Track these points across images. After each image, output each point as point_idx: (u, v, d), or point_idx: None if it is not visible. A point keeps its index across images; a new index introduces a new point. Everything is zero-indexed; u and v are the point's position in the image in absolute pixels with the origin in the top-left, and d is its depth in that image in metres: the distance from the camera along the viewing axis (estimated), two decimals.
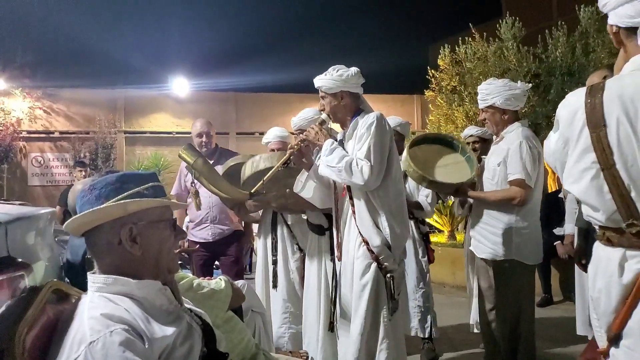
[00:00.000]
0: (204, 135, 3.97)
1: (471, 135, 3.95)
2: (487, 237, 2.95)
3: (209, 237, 3.97)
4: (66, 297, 1.29)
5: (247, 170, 3.07)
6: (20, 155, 13.54)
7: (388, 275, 2.38)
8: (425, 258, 3.66)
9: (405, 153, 3.06)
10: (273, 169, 2.65)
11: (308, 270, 3.15)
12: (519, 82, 3.02)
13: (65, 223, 1.23)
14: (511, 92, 2.87)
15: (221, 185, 3.12)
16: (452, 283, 6.28)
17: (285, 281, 3.45)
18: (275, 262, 3.52)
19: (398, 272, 2.46)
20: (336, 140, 2.62)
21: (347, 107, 2.57)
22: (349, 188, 2.51)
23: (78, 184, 2.30)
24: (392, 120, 3.79)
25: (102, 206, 1.21)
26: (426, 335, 3.64)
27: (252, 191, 2.81)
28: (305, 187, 2.70)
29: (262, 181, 2.66)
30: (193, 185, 3.82)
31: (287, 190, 2.92)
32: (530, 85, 3.17)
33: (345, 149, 2.53)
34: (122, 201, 1.22)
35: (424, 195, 3.67)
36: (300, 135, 2.70)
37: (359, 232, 2.43)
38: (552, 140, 1.56)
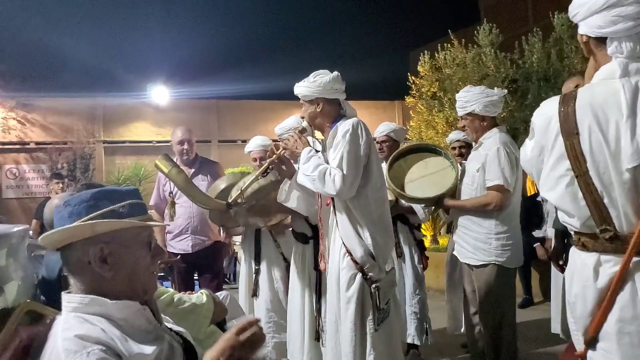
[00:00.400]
0: (185, 143, 3.93)
1: (457, 140, 4.01)
2: (468, 242, 2.99)
3: (188, 248, 3.90)
4: (40, 318, 1.26)
5: (233, 192, 3.05)
6: None
7: (373, 285, 2.35)
8: (421, 265, 3.64)
9: (385, 170, 3.10)
10: (252, 179, 2.64)
11: (292, 279, 3.13)
12: (495, 88, 3.08)
13: (40, 237, 1.21)
14: (489, 99, 2.93)
15: (196, 195, 3.10)
16: (436, 287, 6.32)
17: (269, 290, 3.44)
18: (257, 272, 3.50)
19: (386, 281, 2.43)
20: (316, 148, 2.61)
21: (325, 114, 2.52)
22: (332, 198, 2.48)
23: (55, 198, 2.26)
24: (386, 126, 3.84)
25: (71, 225, 1.18)
26: (423, 343, 3.63)
27: (230, 201, 2.79)
28: (289, 197, 2.68)
29: (240, 191, 2.64)
30: (170, 195, 3.78)
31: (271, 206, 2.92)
32: (507, 90, 3.25)
33: (327, 156, 2.51)
34: (90, 221, 1.18)
35: None
36: (279, 143, 2.68)
37: (343, 243, 2.40)
38: (528, 147, 1.58)
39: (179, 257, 3.88)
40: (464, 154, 3.84)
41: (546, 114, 1.50)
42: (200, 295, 1.87)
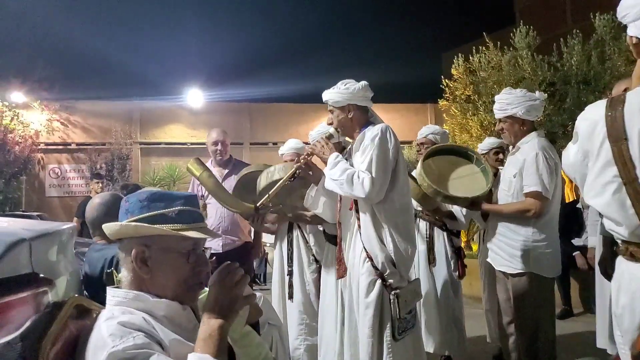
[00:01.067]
0: (220, 144, 3.99)
1: (494, 147, 3.91)
2: (504, 250, 2.91)
3: (219, 247, 3.95)
4: (87, 312, 1.30)
5: (262, 181, 3.08)
6: (38, 167, 13.81)
7: (393, 293, 2.32)
8: (457, 272, 3.53)
9: (419, 166, 3.04)
10: (279, 183, 2.64)
11: (324, 282, 3.13)
12: (536, 92, 2.99)
13: (104, 225, 1.26)
14: (531, 103, 2.84)
15: (226, 198, 3.14)
16: (469, 294, 6.19)
17: (301, 292, 3.43)
18: (290, 273, 3.51)
19: (408, 290, 2.39)
20: (344, 152, 2.61)
21: (355, 120, 2.54)
22: (355, 202, 2.48)
23: (96, 197, 2.33)
24: (428, 128, 3.75)
25: (119, 223, 1.24)
26: (458, 352, 3.55)
27: (257, 204, 2.81)
28: (315, 202, 2.69)
29: (268, 195, 2.66)
30: (202, 198, 3.84)
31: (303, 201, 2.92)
32: (546, 94, 3.13)
33: (352, 161, 2.52)
34: (133, 223, 1.23)
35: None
36: (307, 149, 2.70)
37: (364, 247, 2.39)
38: (571, 152, 1.54)
39: (214, 258, 3.94)
40: (500, 160, 3.74)
41: (591, 118, 1.45)
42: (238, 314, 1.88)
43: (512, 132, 2.93)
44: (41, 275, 1.16)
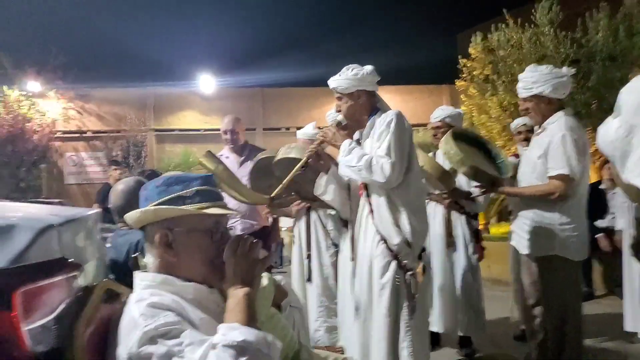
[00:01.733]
0: (229, 133, 4.04)
1: (524, 125, 3.83)
2: (529, 233, 2.86)
3: (237, 231, 4.00)
4: (117, 296, 1.31)
5: (279, 154, 3.08)
6: (56, 154, 14.00)
7: (409, 273, 2.34)
8: (476, 255, 3.52)
9: (447, 135, 2.98)
10: (291, 173, 2.62)
11: (341, 265, 3.13)
12: (563, 68, 2.88)
13: (126, 216, 1.27)
14: (558, 80, 2.73)
15: (242, 190, 3.15)
16: (487, 276, 6.16)
17: (320, 276, 3.46)
18: (309, 257, 3.53)
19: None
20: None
21: (364, 106, 2.53)
22: (365, 186, 2.47)
23: (119, 183, 2.34)
24: (442, 110, 3.66)
25: (140, 210, 1.24)
26: (477, 334, 3.54)
27: (272, 195, 2.81)
28: (326, 190, 2.68)
29: (281, 185, 2.67)
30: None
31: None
32: (573, 70, 3.01)
33: (363, 147, 2.49)
34: (152, 207, 1.22)
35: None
36: (317, 137, 2.67)
37: (377, 230, 2.39)
38: (612, 127, 1.46)
39: None
40: (529, 140, 3.66)
41: (638, 91, 1.38)
42: (261, 278, 1.88)
43: (539, 111, 2.82)
44: (70, 260, 1.16)
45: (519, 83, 2.88)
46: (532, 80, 2.78)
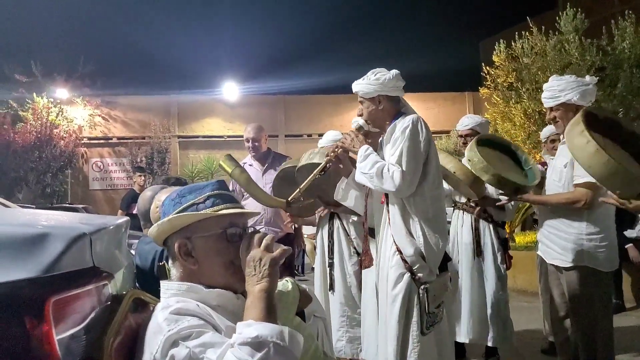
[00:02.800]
0: (251, 141, 4.06)
1: (558, 133, 3.78)
2: (556, 243, 2.80)
3: None
4: (145, 305, 1.32)
5: (302, 159, 3.08)
6: (82, 160, 14.33)
7: (422, 287, 2.26)
8: (504, 265, 3.46)
9: (472, 142, 2.98)
10: (309, 178, 2.60)
11: (365, 274, 3.11)
12: (586, 76, 2.85)
13: (147, 232, 1.29)
14: (585, 87, 2.71)
15: (258, 194, 3.16)
16: (512, 286, 6.04)
17: (342, 285, 3.43)
18: (331, 265, 3.51)
19: (436, 284, 2.33)
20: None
21: (386, 112, 2.46)
22: (386, 195, 2.42)
23: (147, 190, 2.38)
24: (471, 119, 3.65)
25: (155, 224, 1.27)
26: (504, 346, 3.47)
27: (289, 199, 2.80)
28: (345, 195, 2.66)
29: (299, 189, 2.64)
30: (242, 197, 3.90)
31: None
32: (597, 79, 2.99)
33: (382, 154, 2.45)
34: (166, 218, 1.25)
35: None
36: (337, 142, 2.65)
37: (394, 241, 2.33)
38: None
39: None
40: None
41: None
42: (285, 283, 1.87)
43: (567, 119, 2.78)
44: (101, 268, 1.18)
45: (545, 93, 2.85)
46: (560, 88, 2.75)
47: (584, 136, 2.13)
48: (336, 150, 2.55)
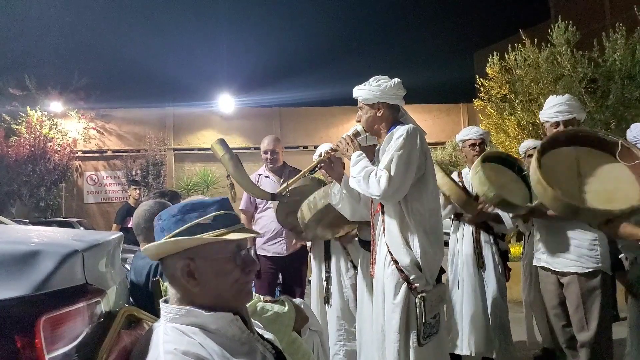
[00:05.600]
0: (269, 153, 4.05)
1: (534, 148, 3.82)
2: (570, 251, 2.86)
3: (283, 251, 3.94)
4: (138, 322, 1.30)
5: (305, 214, 3.06)
6: (76, 174, 14.27)
7: (419, 296, 2.25)
8: (504, 276, 3.48)
9: (477, 162, 3.03)
10: (299, 174, 2.65)
11: (360, 287, 3.09)
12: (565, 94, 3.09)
13: (143, 249, 1.24)
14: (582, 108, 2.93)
15: (244, 182, 3.14)
16: (509, 298, 6.03)
17: (339, 298, 3.42)
18: (328, 279, 3.49)
19: (433, 294, 2.32)
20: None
21: (384, 119, 2.46)
22: (382, 205, 2.41)
23: (142, 205, 2.36)
24: (470, 130, 3.70)
25: (157, 242, 1.20)
26: (504, 356, 3.46)
27: (275, 193, 2.80)
28: (337, 198, 2.67)
29: (286, 184, 2.64)
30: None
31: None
32: (585, 91, 3.18)
33: (379, 161, 2.45)
34: (172, 238, 1.19)
35: None
36: (332, 145, 2.67)
37: (389, 251, 2.33)
38: None
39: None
40: None
41: None
42: (282, 304, 1.87)
43: None
44: (93, 285, 1.16)
45: (553, 108, 2.95)
46: (570, 109, 2.91)
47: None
48: (329, 152, 2.57)
